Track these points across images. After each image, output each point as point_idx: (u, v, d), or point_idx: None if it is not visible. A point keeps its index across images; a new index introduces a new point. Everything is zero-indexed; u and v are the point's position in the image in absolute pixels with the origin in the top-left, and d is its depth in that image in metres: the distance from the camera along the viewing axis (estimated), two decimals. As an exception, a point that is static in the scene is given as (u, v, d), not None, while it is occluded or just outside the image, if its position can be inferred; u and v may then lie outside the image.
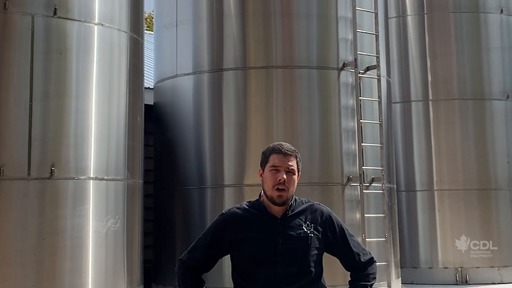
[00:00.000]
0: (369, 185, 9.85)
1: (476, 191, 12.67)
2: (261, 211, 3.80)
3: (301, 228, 3.76)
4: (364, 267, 3.88)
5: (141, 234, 8.85)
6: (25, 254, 7.36)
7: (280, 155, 3.73)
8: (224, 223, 3.84)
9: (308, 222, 3.80)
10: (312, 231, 3.78)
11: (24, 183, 7.48)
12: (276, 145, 3.80)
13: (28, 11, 7.70)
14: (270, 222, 3.76)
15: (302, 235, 3.75)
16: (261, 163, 3.83)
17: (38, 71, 7.68)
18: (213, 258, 3.87)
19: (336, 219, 3.91)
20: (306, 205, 3.88)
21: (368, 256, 3.91)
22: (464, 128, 12.85)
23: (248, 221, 3.79)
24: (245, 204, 3.90)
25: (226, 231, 3.80)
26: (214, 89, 9.91)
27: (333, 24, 10.01)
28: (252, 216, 3.80)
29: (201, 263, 3.85)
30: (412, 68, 13.29)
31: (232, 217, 3.84)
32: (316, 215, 3.84)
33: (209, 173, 9.75)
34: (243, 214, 3.82)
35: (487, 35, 13.27)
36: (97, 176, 7.99)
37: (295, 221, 3.77)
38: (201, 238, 3.89)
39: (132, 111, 8.72)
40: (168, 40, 10.58)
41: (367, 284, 3.86)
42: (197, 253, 3.85)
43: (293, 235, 3.74)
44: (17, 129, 7.54)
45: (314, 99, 9.77)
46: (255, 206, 3.85)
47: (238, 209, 3.87)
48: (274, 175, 3.72)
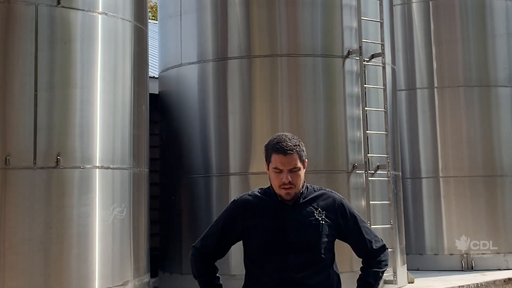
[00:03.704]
0: (374, 172, 9.86)
1: (482, 177, 12.67)
2: (272, 198, 3.80)
3: (312, 215, 3.76)
4: (377, 254, 3.88)
5: (147, 222, 8.88)
6: (32, 242, 7.40)
7: (281, 156, 3.66)
8: (235, 210, 3.86)
9: (320, 209, 3.79)
10: (324, 218, 3.77)
11: (30, 172, 7.51)
12: (276, 142, 3.70)
13: (32, 1, 7.70)
14: (281, 210, 3.76)
15: (313, 222, 3.75)
16: (265, 158, 3.79)
17: (42, 61, 7.69)
18: (226, 244, 3.90)
19: (348, 206, 3.89)
20: (318, 192, 3.87)
21: (380, 243, 3.91)
22: (470, 115, 12.84)
23: (259, 208, 3.79)
24: (257, 191, 3.90)
25: (237, 218, 3.82)
26: (218, 78, 9.92)
27: (337, 12, 9.99)
28: (263, 203, 3.80)
29: (214, 250, 3.87)
30: (417, 55, 13.26)
31: (244, 204, 3.85)
32: (327, 202, 3.83)
33: (214, 162, 9.78)
34: (255, 201, 3.83)
35: (493, 21, 13.22)
36: (103, 165, 8.01)
37: (306, 208, 3.77)
38: (214, 225, 3.92)
39: (137, 100, 8.73)
40: (173, 29, 10.58)
41: (379, 271, 3.87)
42: (209, 240, 3.88)
43: (304, 222, 3.74)
44: (23, 118, 7.56)
45: (319, 87, 9.77)
46: (266, 193, 3.84)
47: (250, 196, 3.88)
48: (278, 176, 3.69)
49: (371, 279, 3.86)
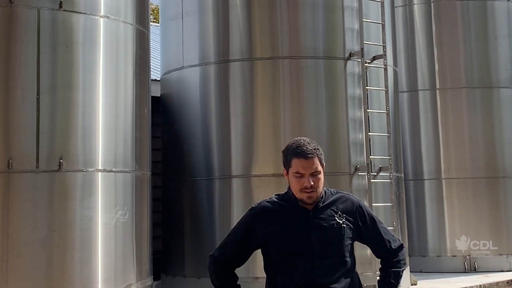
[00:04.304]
0: (376, 174, 9.86)
1: (484, 179, 12.66)
2: (292, 204, 3.77)
3: (333, 219, 3.76)
4: (395, 253, 3.92)
5: (149, 225, 8.89)
6: (34, 246, 7.41)
7: (302, 160, 3.67)
8: (254, 217, 3.82)
9: (340, 212, 3.79)
10: (344, 221, 3.78)
11: (32, 176, 7.51)
12: (296, 146, 3.71)
13: (34, 5, 7.71)
14: (302, 215, 3.74)
15: (335, 226, 3.75)
16: (283, 163, 3.78)
17: (44, 64, 7.70)
18: (245, 253, 3.85)
19: (366, 208, 3.92)
20: (337, 195, 3.87)
21: (397, 242, 3.95)
22: (472, 116, 12.83)
23: (280, 214, 3.77)
24: (274, 197, 3.87)
25: (257, 225, 3.79)
26: (220, 80, 9.92)
27: (339, 14, 10.00)
28: (283, 209, 3.78)
29: (234, 258, 3.84)
30: (419, 57, 13.26)
31: (263, 210, 3.81)
32: (347, 205, 3.84)
33: (216, 164, 9.77)
34: (274, 207, 3.80)
35: (494, 23, 13.22)
36: (105, 168, 8.02)
37: (327, 212, 3.77)
38: (232, 234, 3.87)
39: (139, 103, 8.74)
40: (174, 32, 10.59)
41: (400, 270, 3.92)
42: (228, 249, 3.84)
43: (326, 226, 3.73)
44: (25, 122, 7.57)
45: (321, 89, 9.77)
46: (285, 199, 3.82)
47: (268, 202, 3.84)
48: (300, 181, 3.68)
49: (393, 279, 3.90)
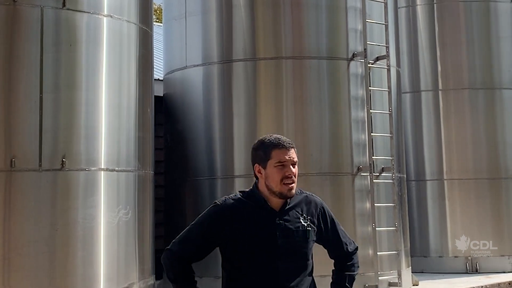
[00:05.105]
0: (379, 175, 9.86)
1: (486, 180, 12.66)
2: (259, 204, 3.70)
3: (299, 221, 3.71)
4: (350, 256, 3.91)
5: (152, 224, 8.89)
6: (37, 244, 7.41)
7: (283, 150, 3.66)
8: (220, 214, 3.69)
9: (305, 214, 3.74)
10: (309, 224, 3.73)
11: (35, 175, 7.52)
12: (275, 139, 3.71)
13: (37, 3, 7.71)
14: (269, 216, 3.67)
15: (300, 229, 3.70)
16: (258, 160, 3.72)
17: (48, 63, 7.70)
18: (206, 249, 3.73)
19: (327, 210, 3.88)
20: (301, 196, 3.81)
21: (353, 245, 3.95)
22: (474, 117, 12.83)
23: (246, 213, 3.67)
24: (239, 195, 3.78)
25: (222, 223, 3.66)
26: (223, 80, 9.93)
27: (342, 14, 10.00)
28: (250, 209, 3.69)
29: (192, 254, 3.72)
30: (422, 57, 13.27)
31: (229, 209, 3.69)
32: (311, 207, 3.79)
33: (219, 164, 9.78)
34: (240, 206, 3.70)
35: (497, 24, 13.22)
36: (108, 167, 8.02)
37: (292, 214, 3.71)
38: (193, 229, 3.74)
39: (142, 103, 8.74)
40: (178, 32, 10.60)
41: (354, 274, 3.91)
42: (189, 245, 3.71)
43: (292, 229, 3.67)
44: (28, 121, 7.56)
45: (324, 89, 9.78)
46: (251, 198, 3.73)
47: (234, 200, 3.74)
48: (282, 170, 3.64)
49: (348, 282, 3.89)
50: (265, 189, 3.70)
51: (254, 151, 3.77)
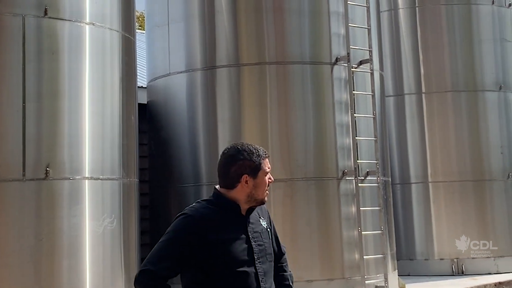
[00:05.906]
0: (364, 178, 9.87)
1: (471, 182, 12.72)
2: (232, 210, 3.69)
3: (260, 223, 3.77)
4: (284, 257, 4.02)
5: (137, 232, 8.86)
6: (22, 254, 7.36)
7: (267, 159, 3.74)
8: (194, 225, 3.60)
9: (262, 217, 3.82)
10: (267, 225, 3.83)
11: (19, 184, 7.47)
12: (257, 149, 3.73)
13: (19, 12, 7.68)
14: (241, 221, 3.69)
15: (264, 230, 3.78)
16: (248, 170, 3.68)
17: (30, 72, 7.67)
18: (184, 264, 3.61)
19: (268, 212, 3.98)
20: None
21: (284, 247, 4.05)
22: (458, 120, 12.89)
23: (222, 222, 3.63)
24: (205, 204, 3.71)
25: (197, 234, 3.57)
26: (207, 86, 9.92)
27: (325, 19, 10.02)
28: (224, 216, 3.66)
29: (172, 270, 3.59)
30: (405, 61, 13.32)
31: (203, 217, 3.62)
32: (263, 210, 3.87)
33: (204, 171, 9.76)
34: (213, 215, 3.64)
35: (479, 27, 13.30)
36: (92, 176, 7.98)
37: (254, 217, 3.76)
38: (168, 245, 3.61)
39: (126, 110, 8.71)
40: (160, 39, 10.58)
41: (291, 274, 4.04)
42: (169, 262, 3.56)
43: (258, 231, 3.73)
44: (11, 130, 7.52)
45: (308, 94, 9.78)
46: (222, 205, 3.69)
47: (204, 208, 3.68)
48: (266, 179, 3.73)
49: (291, 282, 4.00)
50: (242, 197, 3.68)
51: (240, 161, 3.71)
